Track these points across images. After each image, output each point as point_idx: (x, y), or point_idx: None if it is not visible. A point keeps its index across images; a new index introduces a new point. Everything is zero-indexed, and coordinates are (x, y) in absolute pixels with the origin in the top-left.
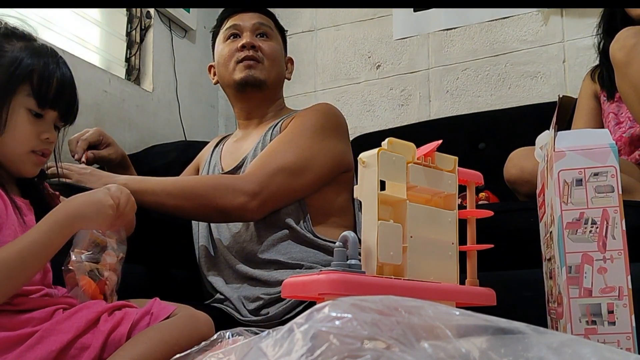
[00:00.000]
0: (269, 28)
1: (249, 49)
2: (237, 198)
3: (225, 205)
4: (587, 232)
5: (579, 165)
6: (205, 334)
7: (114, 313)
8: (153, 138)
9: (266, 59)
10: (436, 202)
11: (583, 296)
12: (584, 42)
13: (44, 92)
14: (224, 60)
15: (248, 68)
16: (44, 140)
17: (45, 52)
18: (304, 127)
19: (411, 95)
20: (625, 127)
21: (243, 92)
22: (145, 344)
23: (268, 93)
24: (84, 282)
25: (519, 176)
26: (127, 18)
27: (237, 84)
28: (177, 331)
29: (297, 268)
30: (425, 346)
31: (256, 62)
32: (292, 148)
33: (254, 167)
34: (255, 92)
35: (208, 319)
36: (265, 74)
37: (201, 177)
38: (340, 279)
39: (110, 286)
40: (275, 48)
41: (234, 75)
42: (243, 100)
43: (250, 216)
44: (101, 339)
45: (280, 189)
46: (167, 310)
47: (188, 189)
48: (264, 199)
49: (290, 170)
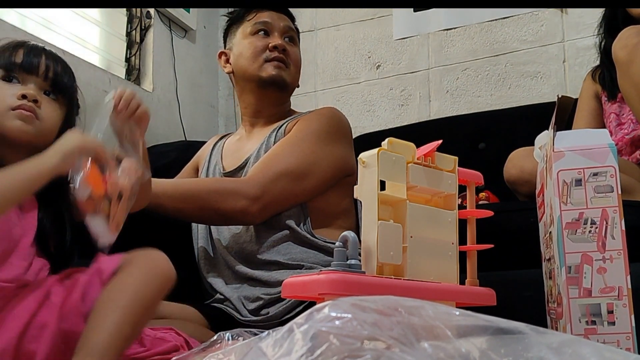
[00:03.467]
0: (295, 33)
1: (280, 51)
2: (239, 202)
3: (227, 209)
4: (586, 232)
5: (578, 166)
6: (167, 271)
7: (63, 282)
8: (153, 138)
9: (292, 64)
10: (436, 202)
11: (583, 296)
12: (584, 42)
13: (9, 58)
14: (251, 54)
15: (278, 68)
16: (19, 97)
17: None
18: (307, 132)
19: (411, 95)
20: (628, 129)
21: (264, 89)
22: (116, 312)
23: (285, 96)
24: (90, 169)
25: (519, 176)
26: (127, 18)
27: (263, 81)
28: (141, 283)
29: (298, 268)
30: (425, 346)
31: (285, 65)
32: (295, 152)
33: (256, 170)
34: (276, 92)
35: (161, 254)
36: (291, 78)
37: (202, 179)
38: (340, 279)
39: (117, 189)
40: (299, 55)
41: (261, 72)
42: (260, 97)
43: (252, 220)
44: (56, 312)
45: (283, 193)
46: (114, 262)
47: (189, 192)
48: (266, 203)
49: (293, 175)
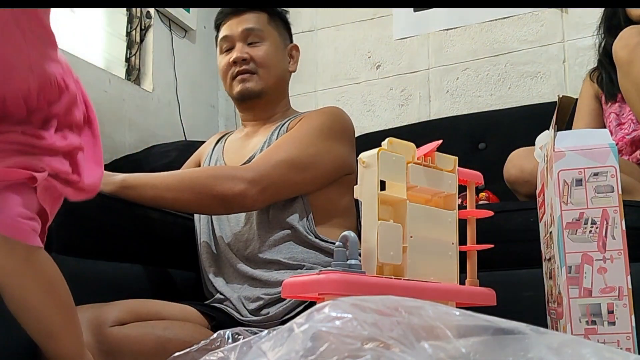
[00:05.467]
0: (259, 30)
1: (240, 63)
2: (237, 185)
3: (225, 192)
4: (586, 232)
5: (579, 166)
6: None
7: None
8: (153, 138)
9: (259, 67)
10: (436, 202)
11: (583, 296)
12: (584, 42)
13: None
14: (222, 74)
15: (242, 82)
16: None
17: None
18: (310, 127)
19: (411, 95)
20: (628, 129)
21: (243, 103)
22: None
23: (270, 98)
24: None
25: (518, 176)
26: (127, 18)
27: (236, 99)
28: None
29: (298, 268)
30: (425, 346)
31: (250, 74)
32: (297, 144)
33: (257, 158)
34: (256, 101)
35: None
36: (262, 83)
37: (200, 168)
38: (340, 279)
39: None
40: (269, 51)
41: (232, 90)
42: (245, 109)
43: (251, 203)
44: None
45: (282, 179)
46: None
47: (187, 179)
48: (265, 186)
49: (293, 163)
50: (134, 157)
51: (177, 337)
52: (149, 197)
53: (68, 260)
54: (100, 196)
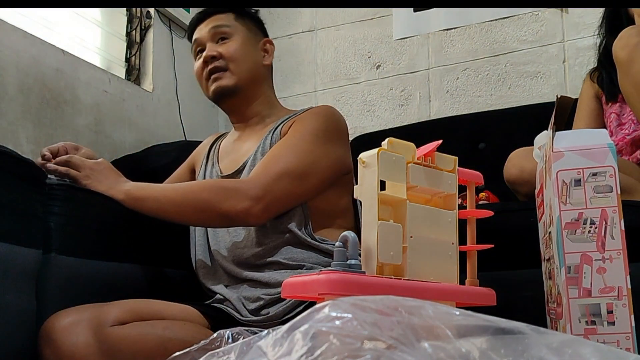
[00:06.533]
0: (226, 27)
1: (209, 61)
2: (241, 202)
3: (229, 209)
4: (586, 232)
5: (578, 166)
6: None
7: None
8: (153, 138)
9: (229, 62)
10: (436, 202)
11: (582, 296)
12: (584, 42)
13: None
14: (197, 78)
15: (215, 81)
16: None
17: None
18: (305, 132)
19: (411, 95)
20: (628, 129)
21: (222, 102)
22: None
23: (246, 93)
24: None
25: (518, 176)
26: (127, 18)
27: (213, 99)
28: None
29: (298, 269)
30: (426, 346)
31: (222, 71)
32: (295, 152)
33: (257, 171)
34: (232, 98)
35: None
36: (235, 78)
37: (203, 181)
38: (340, 279)
39: None
40: (236, 46)
41: (208, 92)
42: (228, 109)
43: (254, 221)
44: None
45: (285, 193)
46: None
47: (190, 194)
48: (268, 203)
49: (294, 175)
50: (134, 157)
51: (177, 337)
52: (152, 210)
53: (68, 260)
54: (101, 196)
